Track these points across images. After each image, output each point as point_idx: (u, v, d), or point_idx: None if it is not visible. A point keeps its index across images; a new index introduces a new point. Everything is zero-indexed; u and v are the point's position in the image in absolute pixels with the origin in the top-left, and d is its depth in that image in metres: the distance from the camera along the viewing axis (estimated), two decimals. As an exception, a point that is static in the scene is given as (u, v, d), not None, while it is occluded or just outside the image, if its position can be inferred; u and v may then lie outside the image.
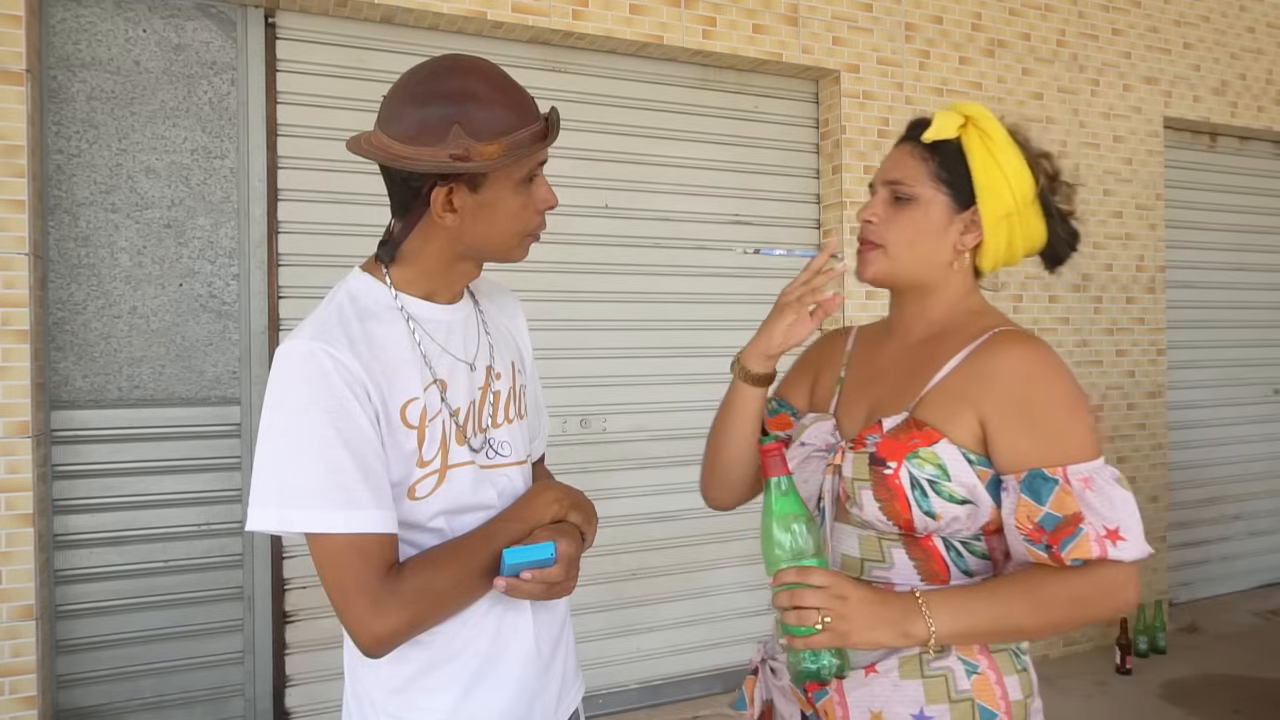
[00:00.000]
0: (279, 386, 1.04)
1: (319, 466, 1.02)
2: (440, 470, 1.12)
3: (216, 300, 2.86)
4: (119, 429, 2.74)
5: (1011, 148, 1.18)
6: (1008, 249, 1.22)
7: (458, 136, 1.04)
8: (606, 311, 3.44)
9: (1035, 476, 1.07)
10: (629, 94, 3.47)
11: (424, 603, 1.05)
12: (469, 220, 1.10)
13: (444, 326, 1.18)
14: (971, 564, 1.15)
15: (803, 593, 1.03)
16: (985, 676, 1.12)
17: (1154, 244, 4.38)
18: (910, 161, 1.20)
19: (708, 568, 3.61)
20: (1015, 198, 1.18)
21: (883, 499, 1.12)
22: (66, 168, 2.70)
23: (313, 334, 1.06)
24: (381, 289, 1.15)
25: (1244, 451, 4.98)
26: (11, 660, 2.43)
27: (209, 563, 2.84)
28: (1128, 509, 1.06)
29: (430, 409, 1.12)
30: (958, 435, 1.11)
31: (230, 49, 2.89)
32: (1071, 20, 4.16)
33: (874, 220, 1.21)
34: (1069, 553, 1.05)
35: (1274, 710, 3.50)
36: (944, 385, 1.15)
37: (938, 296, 1.23)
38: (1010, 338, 1.14)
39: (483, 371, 1.21)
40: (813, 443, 1.26)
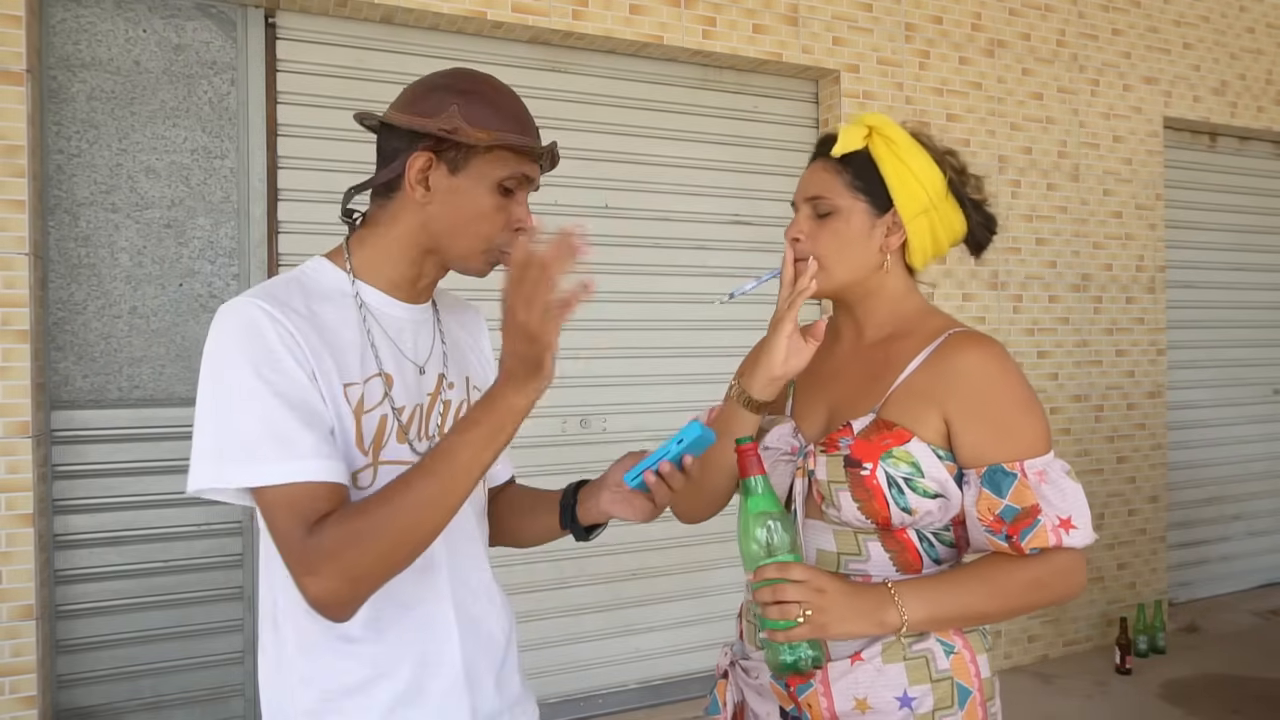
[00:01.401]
0: (212, 343, 1.02)
1: (249, 420, 0.97)
2: (373, 464, 1.07)
3: (216, 300, 2.86)
4: (119, 429, 2.74)
5: (915, 148, 1.25)
6: (933, 243, 1.28)
7: (451, 115, 1.07)
8: (606, 311, 3.44)
9: (995, 471, 1.14)
10: (629, 94, 3.47)
11: (352, 554, 0.94)
12: (439, 203, 1.10)
13: (398, 322, 1.15)
14: (941, 553, 1.22)
15: (784, 587, 1.08)
16: (961, 655, 1.20)
17: (1154, 244, 4.38)
18: (825, 176, 1.26)
19: (707, 568, 3.61)
20: (928, 194, 1.24)
21: (861, 499, 1.17)
22: (67, 168, 2.70)
23: (252, 294, 1.04)
24: (338, 274, 1.14)
25: (1244, 451, 4.98)
26: (11, 660, 2.43)
27: (209, 563, 2.84)
28: (1078, 500, 1.15)
29: (369, 399, 1.08)
30: (926, 433, 1.17)
31: (230, 49, 2.89)
32: (1071, 20, 4.16)
33: (801, 237, 1.26)
34: (1029, 542, 1.13)
35: (1274, 710, 3.51)
36: (908, 385, 1.20)
37: (877, 299, 1.28)
38: (968, 339, 1.20)
39: (434, 377, 1.18)
40: (776, 446, 1.29)
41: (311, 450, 0.98)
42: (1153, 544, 4.38)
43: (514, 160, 1.11)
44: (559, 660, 3.32)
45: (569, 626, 3.35)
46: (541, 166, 1.16)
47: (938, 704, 1.17)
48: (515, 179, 1.11)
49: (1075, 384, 4.17)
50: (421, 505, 0.97)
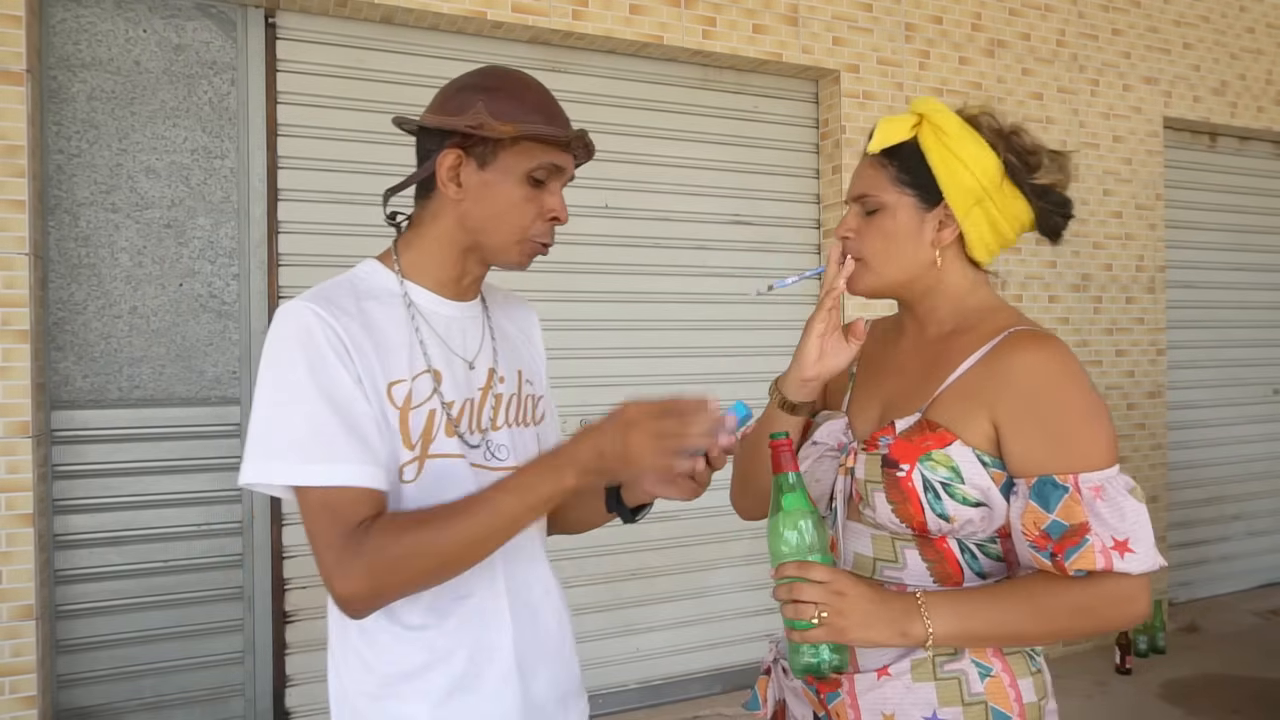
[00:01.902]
0: (269, 344, 1.07)
1: (297, 420, 1.03)
2: (420, 457, 1.11)
3: (216, 300, 2.86)
4: (119, 429, 2.74)
5: (967, 134, 1.16)
6: (994, 234, 1.19)
7: (478, 112, 1.10)
8: (606, 311, 3.44)
9: (1045, 483, 1.05)
10: (629, 94, 3.47)
11: (382, 568, 1.01)
12: (471, 198, 1.13)
13: (446, 320, 1.19)
14: (986, 566, 1.14)
15: (801, 587, 1.03)
16: (999, 679, 1.11)
17: (1154, 244, 4.38)
18: (870, 172, 1.20)
19: (707, 568, 3.61)
20: (981, 182, 1.15)
21: (895, 501, 1.11)
22: (67, 168, 2.70)
23: (307, 297, 1.10)
24: (388, 275, 1.18)
25: (1244, 451, 4.98)
26: (11, 660, 2.43)
27: (209, 563, 2.84)
28: (1139, 520, 1.04)
29: (417, 396, 1.12)
30: (971, 437, 1.10)
31: (230, 49, 2.89)
32: (1071, 20, 4.16)
33: (850, 235, 1.21)
34: (1073, 563, 1.04)
35: (1274, 710, 3.51)
36: (958, 386, 1.13)
37: (938, 295, 1.21)
38: (1027, 338, 1.12)
39: (484, 372, 1.21)
40: (825, 441, 1.24)
41: (355, 455, 1.04)
42: (1153, 544, 4.38)
43: (541, 151, 1.13)
44: (559, 660, 3.31)
45: (569, 626, 3.35)
46: (576, 157, 1.19)
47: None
48: (544, 169, 1.14)
49: (1075, 384, 4.16)
50: (457, 545, 1.03)
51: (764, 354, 3.60)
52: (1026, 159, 1.18)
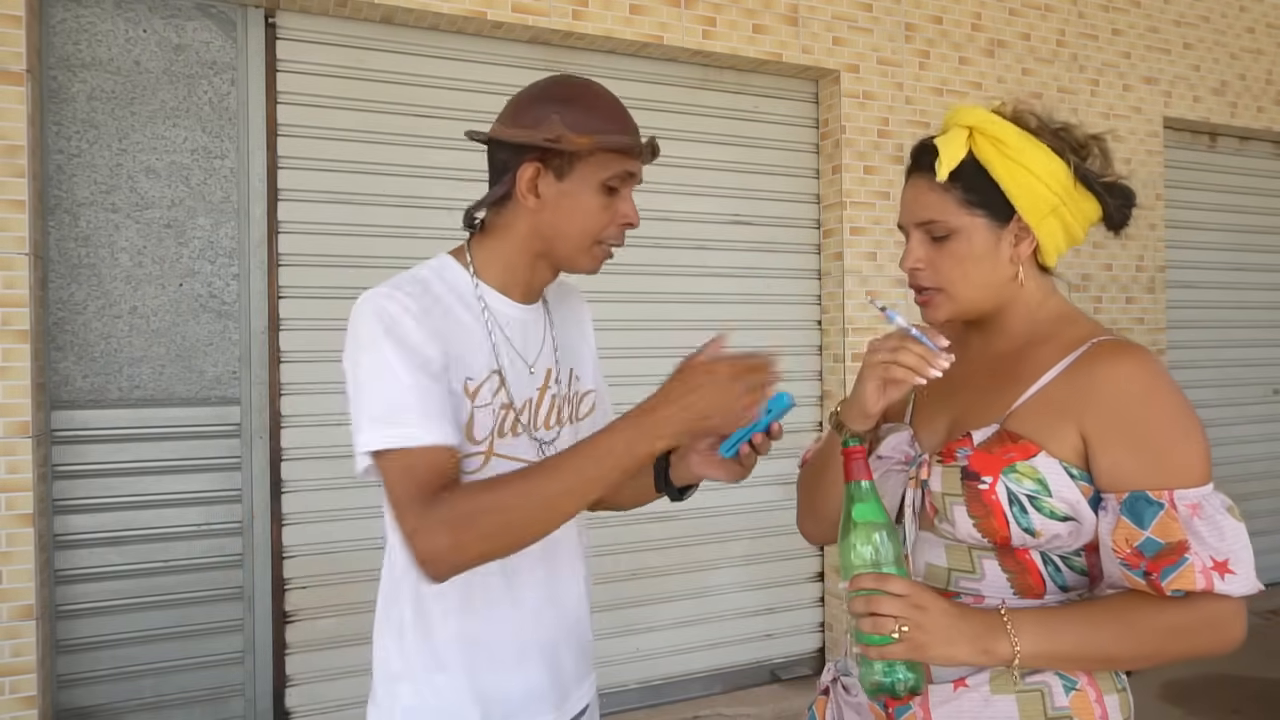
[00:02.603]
0: (352, 328, 1.11)
1: (382, 390, 1.07)
2: (486, 453, 1.15)
3: (216, 300, 2.86)
4: (119, 429, 2.74)
5: (1027, 141, 1.11)
6: (1066, 237, 1.15)
7: (554, 125, 1.13)
8: (607, 311, 3.43)
9: (1138, 499, 1.01)
10: (629, 94, 3.45)
11: (465, 523, 1.02)
12: (549, 208, 1.16)
13: (513, 322, 1.23)
14: (1070, 579, 1.09)
15: (880, 600, 0.98)
16: (1084, 694, 1.06)
17: (1153, 244, 4.38)
18: (932, 197, 1.14)
19: (707, 568, 3.61)
20: (1054, 190, 1.10)
21: (978, 515, 1.06)
22: (67, 168, 2.70)
23: (390, 285, 1.13)
24: (464, 274, 1.21)
25: (1244, 451, 4.98)
26: (11, 660, 2.43)
27: (209, 563, 2.84)
28: (1239, 540, 1.01)
29: (486, 394, 1.16)
30: (1059, 449, 1.05)
31: (230, 49, 2.89)
32: (1071, 20, 4.16)
33: (921, 266, 1.16)
34: (1170, 582, 0.99)
35: (1274, 710, 3.50)
36: (1042, 396, 1.08)
37: (1014, 310, 1.16)
38: (1116, 348, 1.07)
39: (542, 374, 1.25)
40: (891, 455, 1.20)
41: (432, 417, 1.07)
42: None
43: (616, 160, 1.17)
44: (559, 660, 3.31)
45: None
46: (643, 160, 1.22)
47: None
48: (619, 177, 1.18)
49: (1075, 384, 4.17)
50: (538, 502, 1.04)
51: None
52: (1083, 154, 1.14)
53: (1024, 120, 1.13)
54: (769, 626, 3.68)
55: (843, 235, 3.65)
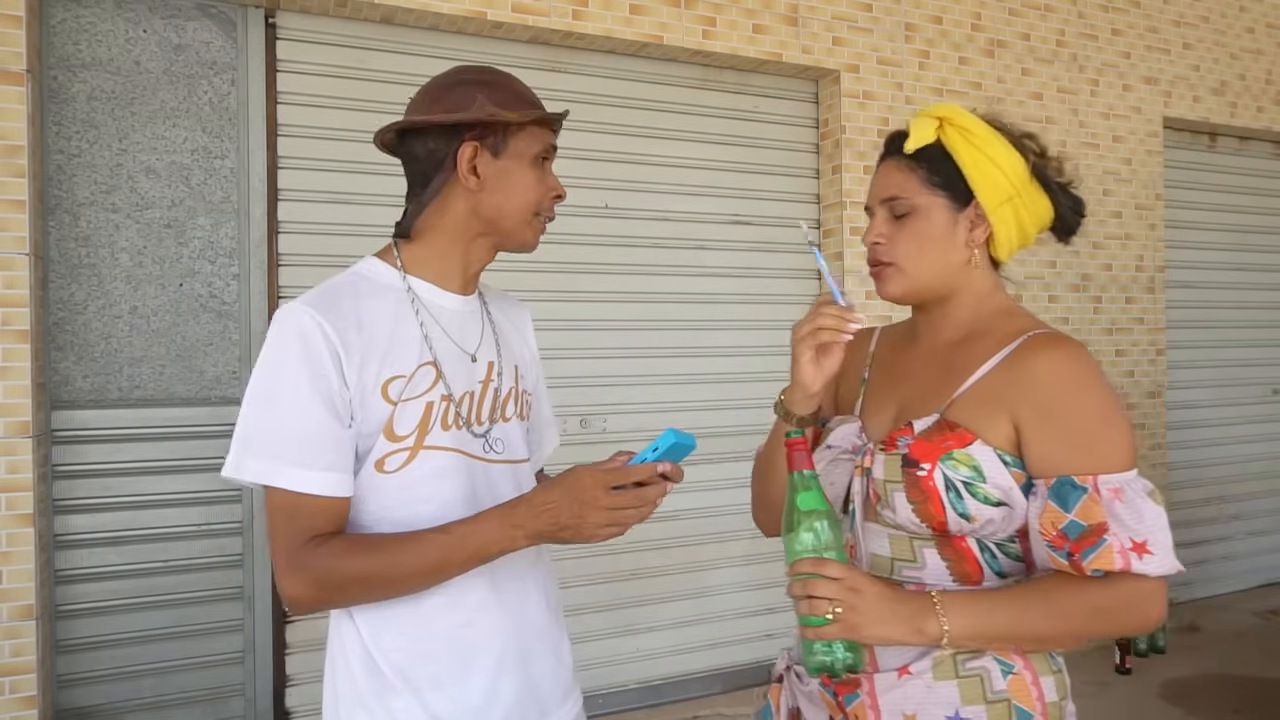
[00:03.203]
0: (267, 344, 1.12)
1: (277, 421, 1.08)
2: (412, 448, 1.14)
3: (216, 300, 2.86)
4: (119, 429, 2.74)
5: (992, 134, 1.19)
6: (1019, 232, 1.21)
7: (482, 104, 1.14)
8: (606, 311, 3.44)
9: (1064, 483, 1.06)
10: (629, 94, 3.47)
11: (329, 584, 1.08)
12: (489, 188, 1.17)
13: (448, 313, 1.21)
14: (1005, 565, 1.14)
15: (816, 583, 1.03)
16: (1021, 677, 1.11)
17: (1153, 244, 4.38)
18: (899, 175, 1.21)
19: (707, 568, 3.61)
20: (1011, 180, 1.18)
21: (916, 501, 1.11)
22: (67, 168, 2.70)
23: (309, 300, 1.13)
24: (391, 271, 1.20)
25: (1244, 451, 4.98)
26: (11, 660, 2.43)
27: (209, 563, 2.84)
28: (1158, 523, 1.05)
29: (416, 387, 1.14)
30: (993, 437, 1.11)
31: (230, 49, 2.89)
32: (1071, 20, 4.16)
33: (881, 240, 1.21)
34: (1090, 562, 1.04)
35: (1274, 710, 3.51)
36: (978, 388, 1.14)
37: (961, 297, 1.22)
38: (1048, 340, 1.13)
39: (484, 366, 1.24)
40: (839, 444, 1.25)
41: (327, 464, 1.08)
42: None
43: (541, 134, 1.19)
44: (559, 660, 3.31)
45: (569, 626, 3.34)
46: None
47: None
48: (546, 150, 1.20)
49: (1075, 384, 4.16)
50: (400, 577, 1.09)
51: (763, 354, 3.60)
52: (1046, 160, 1.22)
53: (994, 119, 1.22)
54: (769, 626, 3.68)
55: (843, 235, 3.65)
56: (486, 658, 1.17)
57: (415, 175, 1.20)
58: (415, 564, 1.08)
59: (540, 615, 1.26)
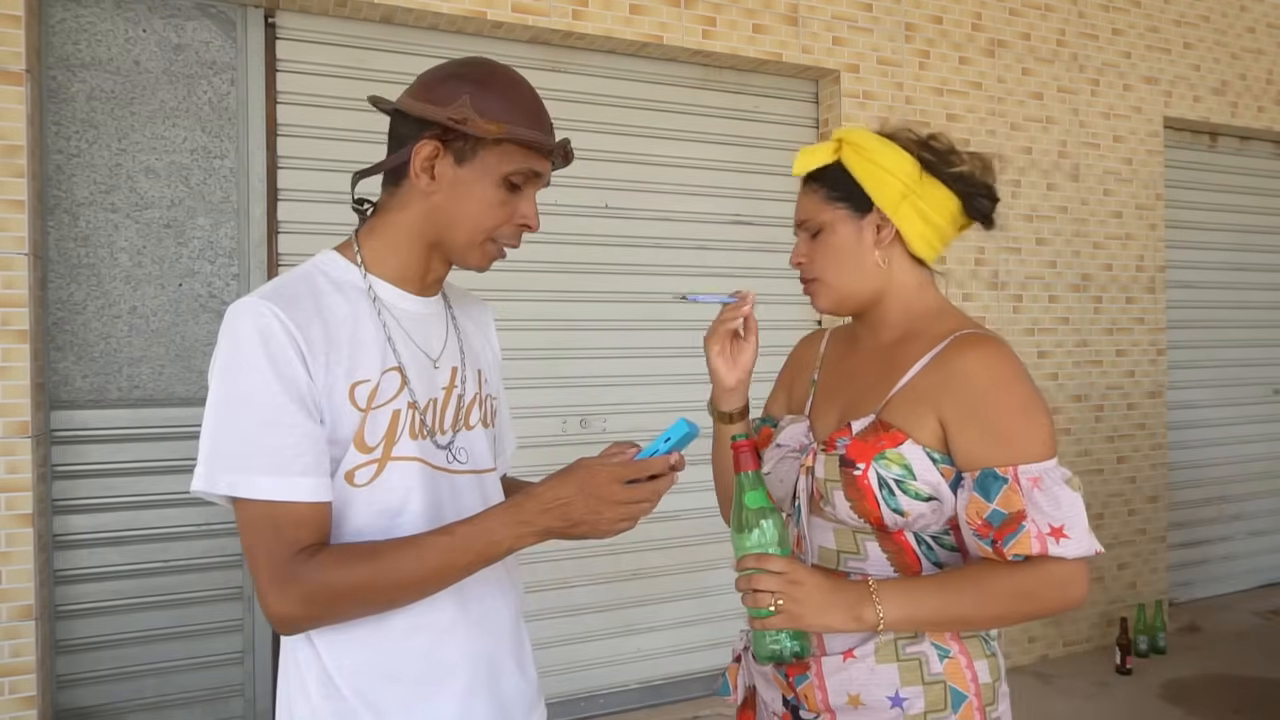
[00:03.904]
0: (223, 344, 1.02)
1: (245, 427, 0.99)
2: (380, 459, 1.06)
3: (216, 300, 2.86)
4: (119, 429, 2.74)
5: (882, 143, 1.26)
6: (927, 225, 1.26)
7: (463, 105, 1.06)
8: (606, 311, 3.44)
9: (987, 475, 1.13)
10: (629, 94, 3.46)
11: (323, 599, 1.00)
12: (443, 194, 1.09)
13: (410, 316, 1.14)
14: (941, 556, 1.21)
15: (759, 577, 1.10)
16: (956, 660, 1.19)
17: (1154, 244, 4.38)
18: (806, 199, 1.30)
19: (708, 568, 3.61)
20: (901, 180, 1.24)
21: (853, 498, 1.18)
22: (66, 168, 2.70)
23: (265, 294, 1.04)
24: (350, 267, 1.12)
25: (1244, 451, 4.98)
26: (11, 660, 2.43)
27: (209, 563, 2.84)
28: (1074, 509, 1.11)
29: (383, 394, 1.07)
30: (922, 436, 1.17)
31: (230, 49, 2.89)
32: (1071, 20, 4.16)
33: (802, 260, 1.32)
34: (1010, 548, 1.10)
35: (1274, 710, 3.50)
36: (909, 388, 1.20)
37: (889, 301, 1.29)
38: (971, 341, 1.19)
39: (447, 371, 1.17)
40: (787, 444, 1.33)
41: (305, 468, 1.00)
42: (1153, 544, 4.38)
43: (522, 155, 1.09)
44: (560, 660, 3.31)
45: (569, 626, 3.35)
46: (554, 163, 1.14)
47: (929, 706, 1.18)
48: (523, 174, 1.10)
49: (1075, 384, 4.17)
50: (402, 585, 1.02)
51: (763, 354, 3.58)
52: (945, 157, 1.27)
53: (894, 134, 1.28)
54: (769, 626, 3.68)
55: (843, 235, 3.64)
56: (457, 680, 1.11)
57: (390, 152, 1.13)
58: (417, 570, 1.00)
59: (509, 632, 1.20)
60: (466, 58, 1.16)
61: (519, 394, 3.24)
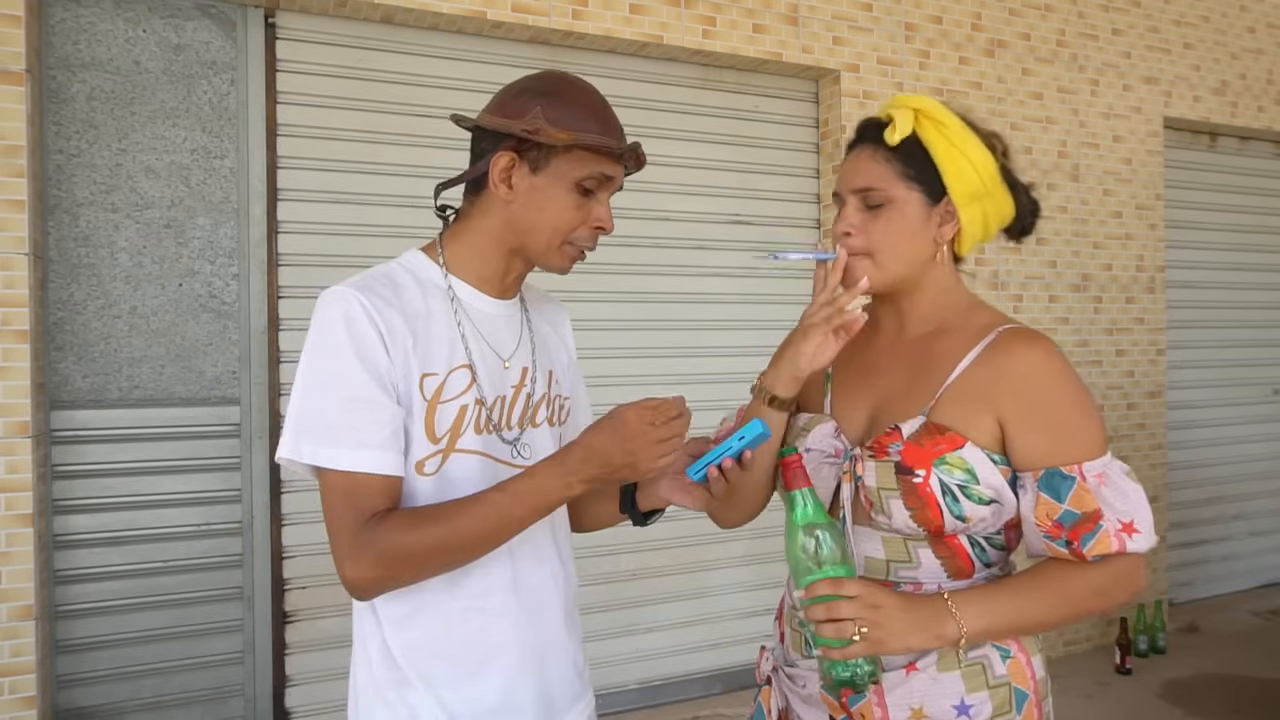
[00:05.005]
0: (315, 327, 1.11)
1: (330, 403, 1.07)
2: (445, 451, 1.13)
3: (216, 300, 2.86)
4: (119, 429, 2.74)
5: (966, 131, 1.19)
6: (984, 230, 1.23)
7: (535, 117, 1.12)
8: (607, 311, 3.44)
9: (1053, 475, 1.09)
10: (629, 94, 3.46)
11: (396, 559, 1.06)
12: (521, 202, 1.15)
13: (487, 317, 1.21)
14: (992, 556, 1.18)
15: (838, 605, 1.04)
16: (1017, 659, 1.16)
17: (1154, 244, 4.38)
18: (874, 166, 1.19)
19: (708, 568, 3.61)
20: (982, 179, 1.18)
21: (914, 507, 1.12)
22: (66, 168, 2.70)
23: (353, 283, 1.12)
24: (433, 268, 1.20)
25: (1244, 451, 4.98)
26: (11, 660, 2.43)
27: (209, 563, 2.84)
28: (1140, 501, 1.10)
29: (450, 390, 1.14)
30: (979, 437, 1.12)
31: (230, 49, 2.89)
32: (1071, 20, 4.16)
33: (852, 231, 1.19)
34: (1091, 548, 1.08)
35: (1274, 710, 3.50)
36: (959, 386, 1.15)
37: (925, 292, 1.23)
38: (1020, 336, 1.15)
39: (518, 371, 1.23)
40: (818, 447, 1.23)
41: (380, 442, 1.07)
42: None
43: (593, 160, 1.15)
44: (559, 660, 3.31)
45: (569, 626, 3.35)
46: (626, 168, 1.21)
47: (996, 710, 1.13)
48: (595, 178, 1.16)
49: (1075, 384, 4.16)
50: (464, 542, 1.07)
51: (764, 354, 3.58)
52: (1008, 159, 1.23)
53: (965, 116, 1.21)
54: (769, 627, 3.67)
55: (843, 235, 3.64)
56: (503, 660, 1.17)
57: (472, 163, 1.20)
58: (480, 527, 1.07)
59: (558, 621, 1.27)
60: (540, 72, 1.21)
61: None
